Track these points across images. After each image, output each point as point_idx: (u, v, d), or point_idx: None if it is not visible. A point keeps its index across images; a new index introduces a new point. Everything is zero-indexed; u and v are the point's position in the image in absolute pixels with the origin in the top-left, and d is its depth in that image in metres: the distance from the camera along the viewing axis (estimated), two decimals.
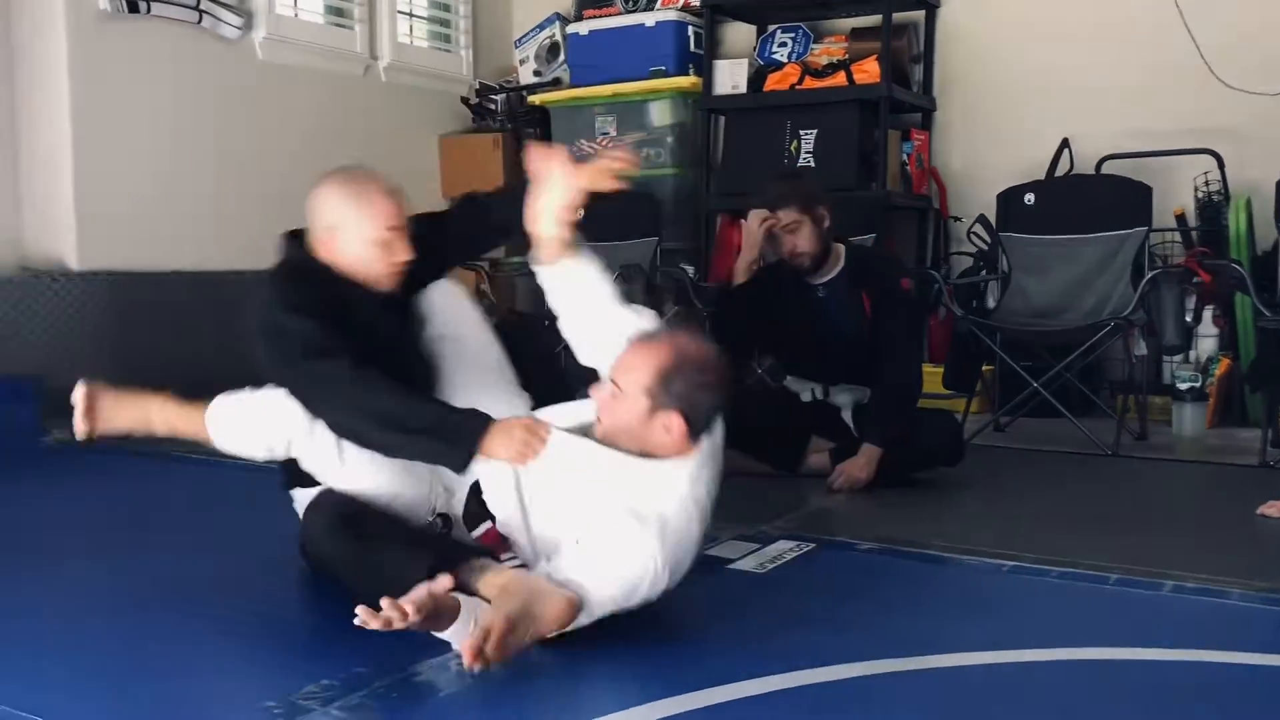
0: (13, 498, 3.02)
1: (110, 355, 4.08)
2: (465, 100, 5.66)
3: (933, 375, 3.93)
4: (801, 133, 4.70)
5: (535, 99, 5.45)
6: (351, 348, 1.92)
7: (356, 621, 1.51)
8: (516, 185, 2.10)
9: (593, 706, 1.57)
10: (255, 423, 2.01)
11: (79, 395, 2.07)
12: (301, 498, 2.07)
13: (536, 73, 5.65)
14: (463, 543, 1.99)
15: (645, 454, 1.87)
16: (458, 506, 2.03)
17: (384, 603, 1.52)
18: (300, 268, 2.07)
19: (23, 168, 4.17)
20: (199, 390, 2.13)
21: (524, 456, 1.88)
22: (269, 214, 4.62)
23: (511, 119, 5.55)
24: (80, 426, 2.07)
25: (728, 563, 2.33)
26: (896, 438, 3.07)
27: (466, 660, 1.54)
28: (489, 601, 1.72)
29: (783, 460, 3.22)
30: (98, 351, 4.04)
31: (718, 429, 1.97)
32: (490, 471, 1.94)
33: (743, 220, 3.51)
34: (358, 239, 2.02)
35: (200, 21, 4.45)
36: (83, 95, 4.10)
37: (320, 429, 1.96)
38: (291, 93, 4.85)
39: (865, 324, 3.19)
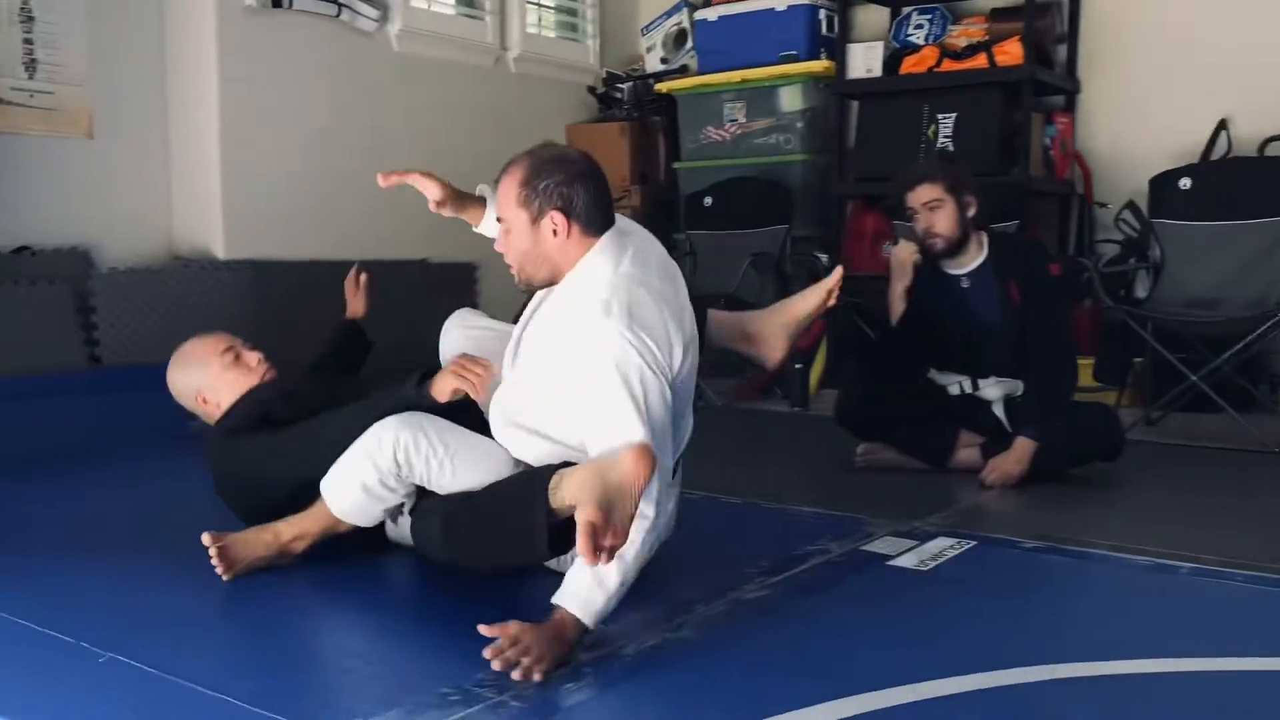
0: (165, 478, 3.11)
1: (253, 341, 4.17)
2: (592, 89, 5.66)
3: (1081, 367, 3.77)
4: (939, 117, 4.57)
5: (662, 86, 5.42)
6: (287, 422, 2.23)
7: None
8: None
9: (762, 706, 1.53)
10: (361, 479, 2.00)
11: (208, 545, 2.09)
12: None
13: (663, 60, 5.62)
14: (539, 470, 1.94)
15: (556, 274, 1.93)
16: None
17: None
18: (227, 430, 2.34)
19: (174, 161, 4.30)
20: None
21: (464, 380, 2.01)
22: (403, 205, 4.73)
23: (638, 107, 5.53)
24: (221, 572, 2.10)
25: (886, 559, 2.26)
26: (1051, 432, 2.96)
27: (587, 560, 1.55)
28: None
29: (931, 455, 3.13)
30: (241, 337, 4.14)
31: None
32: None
33: (890, 247, 3.38)
34: (216, 379, 2.38)
35: (339, 15, 4.52)
36: (230, 90, 4.21)
37: (419, 451, 1.96)
38: (425, 84, 4.91)
39: (1014, 314, 3.07)
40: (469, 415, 2.08)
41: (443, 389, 2.04)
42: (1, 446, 3.37)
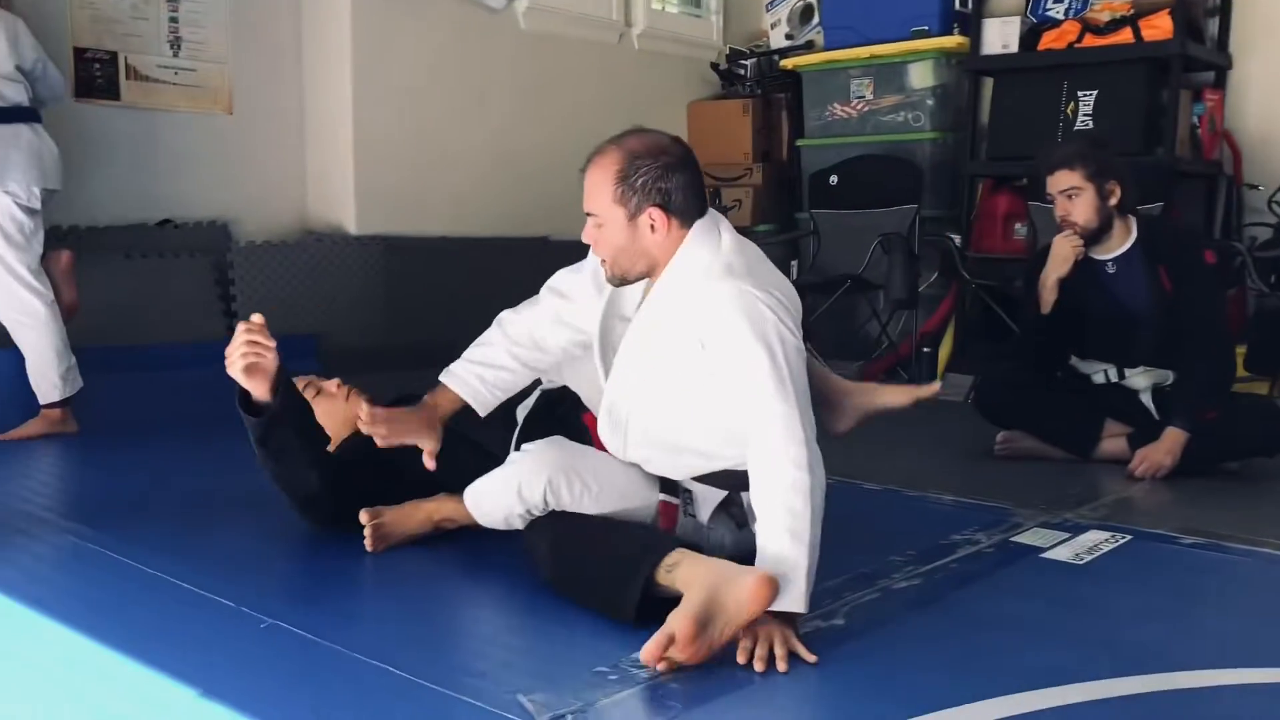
0: None
1: (381, 314, 4.26)
2: (714, 66, 5.60)
3: None
4: (1080, 94, 4.40)
5: (787, 63, 5.33)
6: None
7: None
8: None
9: (927, 700, 1.49)
10: (506, 510, 1.96)
11: (365, 522, 2.13)
12: None
13: (788, 36, 5.53)
14: (662, 534, 1.93)
15: (653, 267, 1.87)
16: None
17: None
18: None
19: (308, 137, 4.39)
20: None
21: (241, 353, 1.87)
22: (529, 183, 4.76)
23: (761, 84, 5.46)
24: (372, 547, 2.13)
25: (1038, 551, 2.19)
26: (1205, 423, 2.83)
27: (645, 661, 1.54)
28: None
29: (1075, 445, 3.03)
30: (370, 311, 4.23)
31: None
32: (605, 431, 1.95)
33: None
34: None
35: None
36: (363, 68, 4.27)
37: (571, 490, 1.90)
38: (550, 62, 4.91)
39: (1164, 301, 2.94)
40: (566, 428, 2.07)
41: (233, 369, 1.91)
42: (148, 411, 3.51)
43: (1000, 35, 4.67)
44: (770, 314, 1.74)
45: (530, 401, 2.18)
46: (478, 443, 2.17)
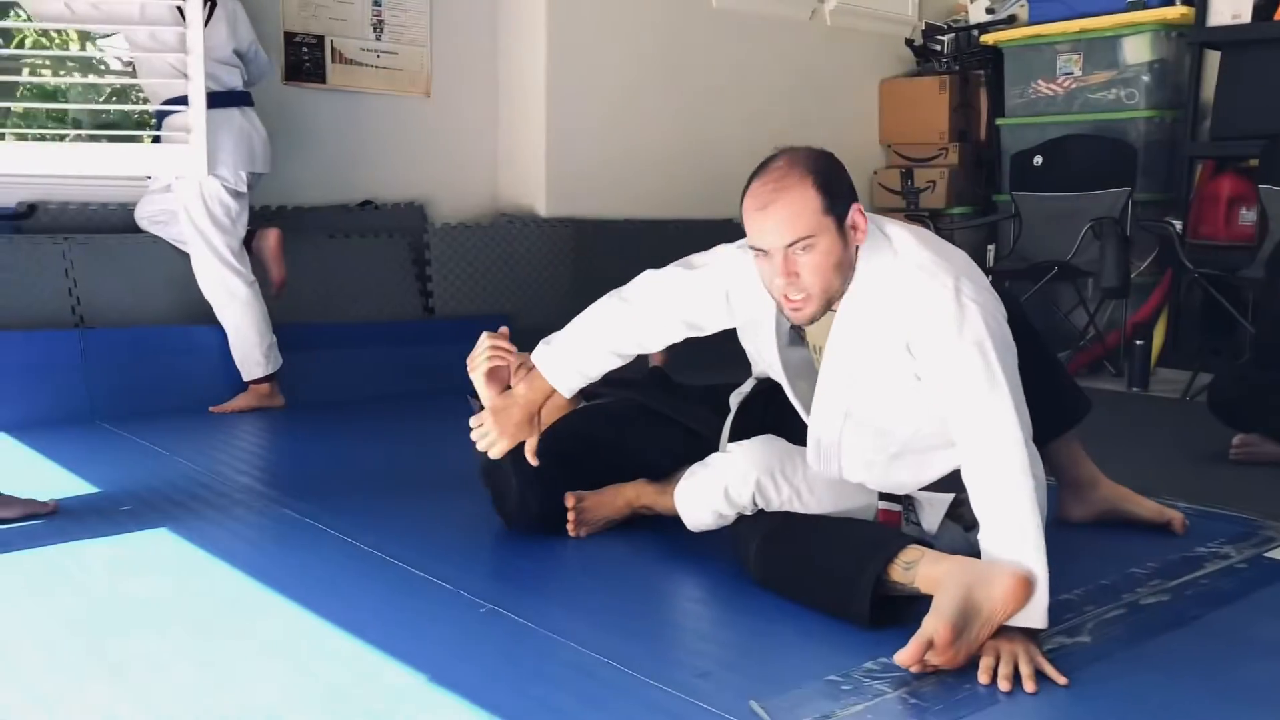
0: None
1: (569, 296, 4.25)
2: (909, 42, 5.40)
3: None
4: None
5: (988, 38, 5.08)
6: None
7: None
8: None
9: None
10: (715, 509, 1.91)
11: (569, 505, 2.12)
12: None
13: (989, 10, 5.27)
14: (889, 529, 1.83)
15: (848, 283, 1.70)
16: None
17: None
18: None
19: (501, 121, 4.42)
20: None
21: (486, 356, 1.89)
22: (716, 164, 4.68)
23: (958, 60, 5.23)
24: (574, 531, 2.13)
25: None
26: None
27: (903, 664, 1.47)
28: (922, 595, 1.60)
29: None
30: (559, 292, 4.23)
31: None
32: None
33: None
34: None
35: None
36: (557, 52, 4.26)
37: (779, 492, 1.85)
38: (741, 41, 4.81)
39: None
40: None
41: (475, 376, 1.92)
42: (348, 388, 3.60)
43: (1231, 4, 4.32)
44: (974, 307, 1.62)
45: (745, 388, 2.11)
46: (689, 426, 2.12)
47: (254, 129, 3.40)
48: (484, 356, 1.90)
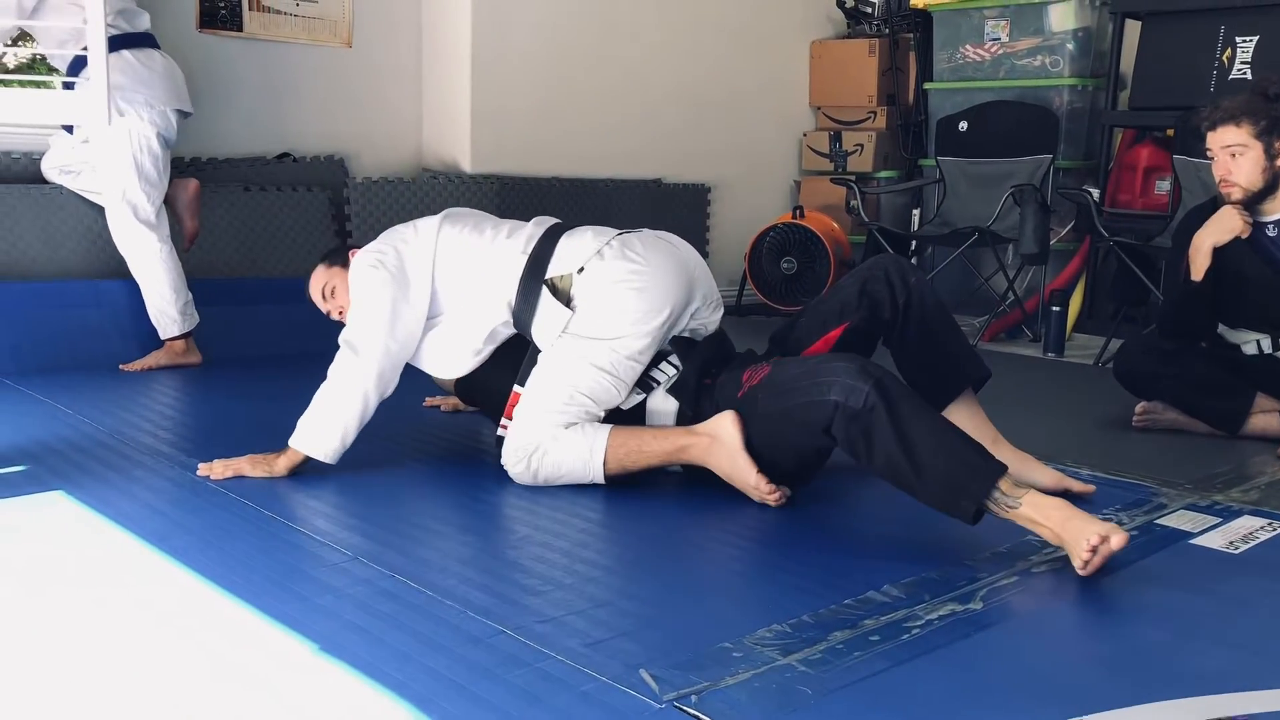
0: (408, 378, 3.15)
1: None
2: (840, 3, 5.39)
3: None
4: (1237, 39, 4.10)
5: (917, 2, 5.10)
6: None
7: None
8: None
9: (1078, 702, 1.38)
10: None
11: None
12: None
13: None
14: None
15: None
16: None
17: None
18: None
19: (425, 75, 4.34)
20: None
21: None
22: (649, 124, 4.65)
23: (889, 23, 5.23)
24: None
25: (1187, 537, 2.05)
26: None
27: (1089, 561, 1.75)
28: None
29: (1222, 420, 2.84)
30: None
31: None
32: None
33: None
34: None
35: None
36: (483, 7, 4.19)
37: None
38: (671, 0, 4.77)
39: None
40: None
41: None
42: (265, 344, 3.54)
43: None
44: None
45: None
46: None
47: (173, 67, 3.31)
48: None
